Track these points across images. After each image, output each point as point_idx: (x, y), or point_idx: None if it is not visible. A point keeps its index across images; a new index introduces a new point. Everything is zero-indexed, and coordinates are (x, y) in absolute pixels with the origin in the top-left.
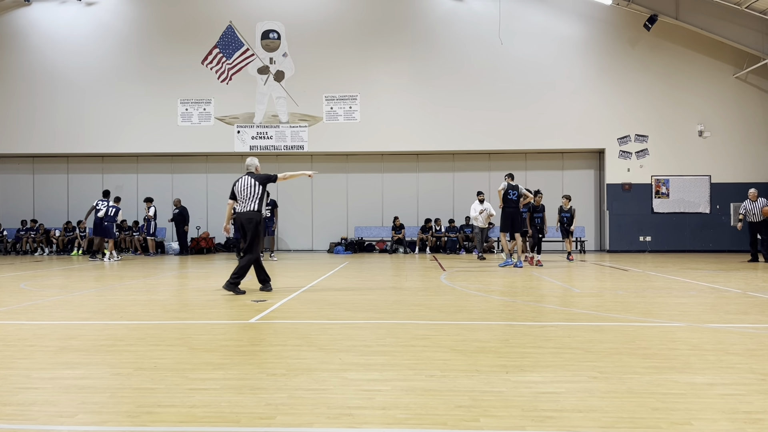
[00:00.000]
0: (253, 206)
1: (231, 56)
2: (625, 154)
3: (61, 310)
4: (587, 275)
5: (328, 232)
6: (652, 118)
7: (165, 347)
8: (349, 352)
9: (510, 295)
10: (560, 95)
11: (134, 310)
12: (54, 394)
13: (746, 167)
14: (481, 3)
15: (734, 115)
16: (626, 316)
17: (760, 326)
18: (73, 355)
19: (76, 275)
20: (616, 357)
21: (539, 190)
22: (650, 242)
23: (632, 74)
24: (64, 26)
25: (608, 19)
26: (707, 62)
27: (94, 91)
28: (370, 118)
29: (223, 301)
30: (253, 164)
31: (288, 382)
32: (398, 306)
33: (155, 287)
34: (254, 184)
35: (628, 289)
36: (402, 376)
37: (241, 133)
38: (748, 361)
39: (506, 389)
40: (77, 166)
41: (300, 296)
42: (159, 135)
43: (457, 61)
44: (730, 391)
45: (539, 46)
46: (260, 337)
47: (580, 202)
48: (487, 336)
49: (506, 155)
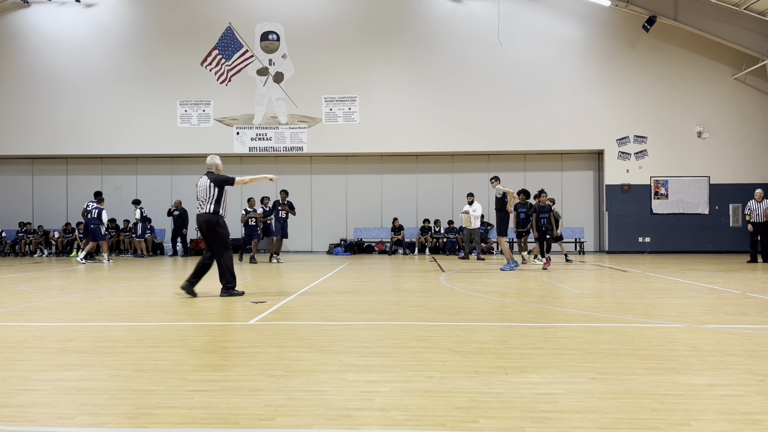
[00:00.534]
0: (210, 208)
1: (230, 58)
2: (624, 155)
3: (60, 311)
4: (586, 276)
5: (327, 233)
6: (651, 119)
7: (164, 349)
8: (349, 354)
9: (509, 296)
10: (559, 96)
11: (133, 312)
12: (53, 396)
13: (745, 168)
14: (480, 4)
15: (733, 116)
16: (625, 317)
17: (759, 327)
18: (73, 356)
19: (75, 277)
20: (615, 358)
21: (543, 190)
22: (649, 243)
23: (631, 75)
24: (64, 28)
25: (607, 21)
26: (706, 63)
27: (94, 92)
28: (369, 119)
29: (222, 302)
30: (213, 164)
31: (287, 383)
32: (397, 307)
33: (154, 289)
34: (210, 185)
35: (627, 290)
36: (401, 377)
37: (240, 134)
38: (747, 362)
39: (505, 390)
40: (76, 168)
41: (299, 298)
42: (158, 136)
43: (457, 63)
44: (729, 392)
45: (538, 48)
46: (259, 339)
47: (580, 202)
48: (487, 337)
49: (505, 156)
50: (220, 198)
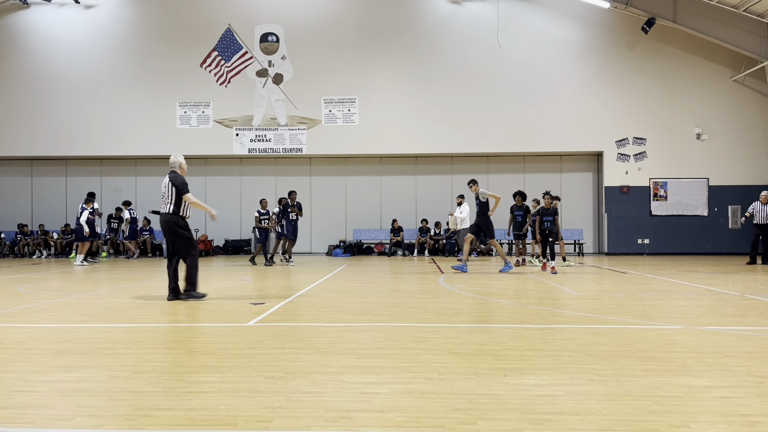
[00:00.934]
0: (170, 209)
1: (230, 59)
2: (623, 157)
3: (58, 313)
4: (585, 278)
5: (326, 234)
6: (650, 121)
7: (163, 350)
8: (347, 355)
9: (508, 297)
10: (558, 98)
11: (132, 313)
12: (51, 398)
13: (744, 170)
14: (479, 6)
15: (732, 118)
16: (624, 318)
17: (758, 329)
18: (71, 358)
19: (74, 278)
20: (614, 360)
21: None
22: (648, 245)
23: (630, 77)
24: (63, 29)
25: (606, 23)
26: (705, 65)
27: (93, 94)
28: (368, 120)
29: (221, 303)
30: (176, 162)
31: (286, 385)
32: (396, 309)
33: (153, 290)
34: (169, 185)
35: (626, 291)
36: (400, 379)
37: (239, 135)
38: (746, 363)
39: (504, 392)
40: (76, 169)
41: (298, 299)
42: (158, 138)
43: (456, 64)
44: (728, 394)
45: (537, 49)
46: (258, 340)
47: (579, 204)
48: (485, 339)
49: (504, 158)
50: (179, 200)
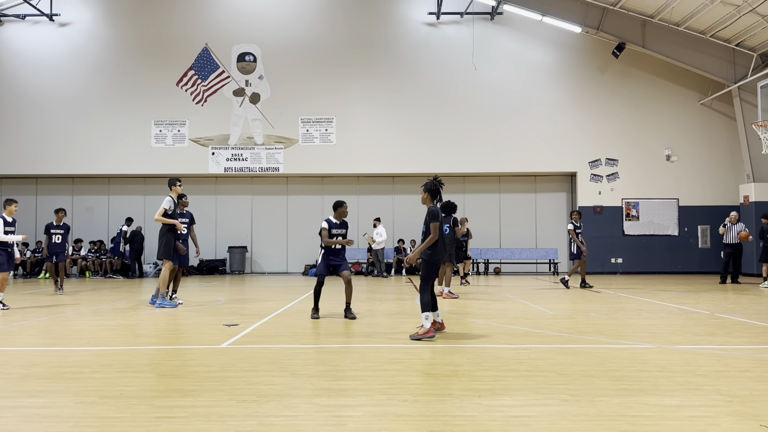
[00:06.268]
0: None
1: (206, 78)
2: (597, 178)
3: (25, 335)
4: (561, 297)
5: (303, 254)
6: (622, 142)
7: (132, 374)
8: (322, 378)
9: (484, 317)
10: (533, 119)
11: (102, 336)
12: (16, 424)
13: (713, 190)
14: (455, 29)
15: (700, 140)
16: (598, 338)
17: (727, 348)
18: (36, 382)
19: (43, 300)
20: (587, 379)
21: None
22: (621, 264)
23: (602, 100)
24: (37, 46)
25: (578, 46)
26: (674, 89)
27: (67, 111)
28: (346, 140)
29: (195, 325)
30: None
31: (258, 408)
32: (372, 329)
33: (125, 311)
34: None
35: (600, 310)
36: (374, 401)
37: (215, 154)
38: (716, 382)
39: (478, 413)
40: (46, 188)
41: (273, 320)
42: (132, 156)
43: (432, 85)
44: (698, 413)
45: (512, 72)
46: (231, 363)
47: (553, 224)
48: (461, 359)
49: (480, 178)
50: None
